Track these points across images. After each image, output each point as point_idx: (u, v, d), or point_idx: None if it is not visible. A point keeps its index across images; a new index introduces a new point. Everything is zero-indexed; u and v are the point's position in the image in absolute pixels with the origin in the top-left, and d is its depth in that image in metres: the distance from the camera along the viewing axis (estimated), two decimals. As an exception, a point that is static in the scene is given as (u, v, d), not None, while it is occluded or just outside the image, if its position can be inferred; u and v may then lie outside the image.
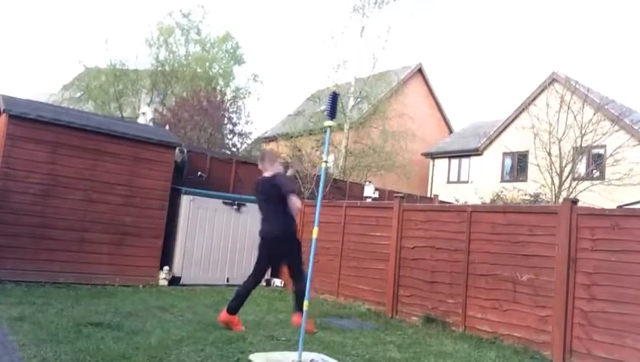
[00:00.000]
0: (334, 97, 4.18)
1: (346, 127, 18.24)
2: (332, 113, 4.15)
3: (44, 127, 6.97)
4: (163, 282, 7.73)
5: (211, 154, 10.35)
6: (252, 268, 5.50)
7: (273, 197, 5.18)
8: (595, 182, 12.67)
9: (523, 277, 5.55)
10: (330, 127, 4.20)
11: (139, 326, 4.75)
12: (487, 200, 14.42)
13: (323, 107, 4.73)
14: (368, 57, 19.01)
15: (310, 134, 16.89)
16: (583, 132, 11.66)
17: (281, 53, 47.31)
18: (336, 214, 8.22)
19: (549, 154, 11.62)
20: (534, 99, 15.84)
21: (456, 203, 13.39)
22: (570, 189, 11.26)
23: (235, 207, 8.63)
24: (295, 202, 5.08)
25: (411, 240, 6.93)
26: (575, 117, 11.72)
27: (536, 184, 12.32)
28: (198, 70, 22.03)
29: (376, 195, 12.26)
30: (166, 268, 7.85)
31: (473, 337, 5.69)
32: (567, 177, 11.43)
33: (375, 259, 7.41)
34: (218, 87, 21.38)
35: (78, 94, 21.48)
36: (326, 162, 4.47)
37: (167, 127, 13.46)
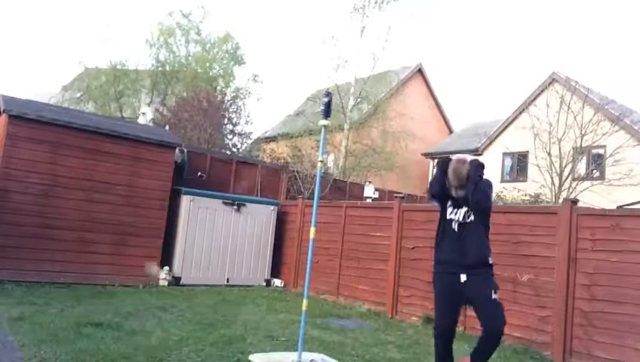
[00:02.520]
0: (329, 97, 4.21)
1: (346, 127, 18.23)
2: (327, 113, 4.18)
3: (44, 127, 6.98)
4: (163, 282, 7.73)
5: (211, 154, 10.36)
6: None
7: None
8: (595, 182, 12.65)
9: (523, 278, 5.55)
10: (325, 126, 4.23)
11: (139, 326, 4.75)
12: (487, 201, 14.37)
13: (321, 107, 4.69)
14: (368, 57, 19.00)
15: (310, 134, 16.88)
16: (583, 132, 11.65)
17: (281, 53, 47.29)
18: (337, 214, 8.22)
19: (549, 154, 11.61)
20: (534, 99, 15.84)
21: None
22: (570, 189, 11.25)
23: (235, 207, 8.64)
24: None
25: (411, 240, 6.93)
26: (575, 117, 11.71)
27: (537, 184, 12.30)
28: (199, 70, 22.01)
29: (377, 195, 12.27)
30: (166, 268, 7.85)
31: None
32: (567, 177, 11.43)
33: (375, 259, 7.40)
34: (218, 88, 21.37)
35: (78, 95, 21.47)
36: (322, 161, 4.49)
37: (167, 127, 13.47)
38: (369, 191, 12.32)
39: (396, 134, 18.88)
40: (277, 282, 8.99)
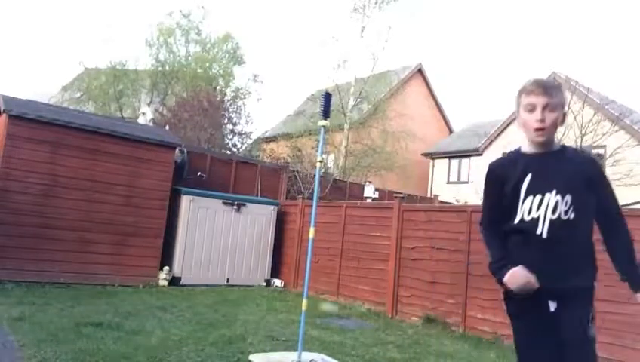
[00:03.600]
0: (327, 97, 4.22)
1: (346, 127, 18.23)
2: (326, 113, 4.18)
3: (44, 127, 6.98)
4: (163, 282, 7.73)
5: (211, 154, 10.36)
6: None
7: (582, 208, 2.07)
8: (595, 182, 12.66)
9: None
10: (324, 126, 4.24)
11: (139, 326, 4.75)
12: (487, 201, 14.36)
13: (320, 108, 4.69)
14: (368, 57, 19.02)
15: (310, 134, 16.89)
16: (583, 132, 11.67)
17: (281, 53, 47.30)
18: (337, 214, 8.22)
19: (549, 154, 11.62)
20: (534, 99, 15.83)
21: (456, 203, 13.39)
22: (571, 189, 11.25)
23: (235, 207, 8.64)
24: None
25: (411, 240, 6.93)
26: (575, 117, 11.72)
27: (537, 184, 12.29)
28: (199, 70, 22.02)
29: (376, 195, 12.27)
30: (166, 268, 7.85)
31: (473, 337, 5.69)
32: (567, 177, 11.43)
33: (375, 259, 7.41)
34: (218, 88, 21.38)
35: (78, 95, 21.47)
36: (321, 161, 4.50)
37: (167, 127, 13.47)
38: (369, 191, 12.33)
39: (396, 134, 18.89)
40: (277, 282, 8.99)
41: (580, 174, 2.05)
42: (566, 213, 1.99)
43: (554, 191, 2.00)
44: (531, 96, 2.06)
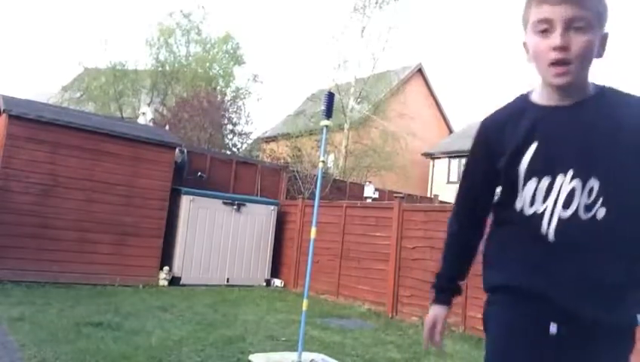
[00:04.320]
0: (331, 97, 4.21)
1: (346, 127, 18.24)
2: (328, 112, 4.17)
3: (44, 127, 6.98)
4: (163, 282, 7.73)
5: (211, 154, 10.36)
6: None
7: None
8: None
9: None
10: (326, 126, 4.23)
11: (139, 326, 4.75)
12: (487, 201, 14.36)
13: (323, 107, 4.69)
14: (369, 57, 19.04)
15: (310, 134, 16.90)
16: (583, 132, 11.67)
17: (281, 52, 47.34)
18: (336, 214, 8.22)
19: (549, 154, 11.61)
20: (534, 99, 15.85)
21: (456, 203, 13.36)
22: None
23: (235, 207, 8.64)
24: None
25: (411, 240, 6.93)
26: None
27: (536, 184, 12.28)
28: (199, 70, 22.03)
29: (376, 195, 12.27)
30: (166, 268, 7.85)
31: (473, 337, 5.68)
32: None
33: (375, 259, 7.41)
34: (218, 88, 21.39)
35: (78, 95, 21.47)
36: (324, 162, 4.49)
37: (167, 127, 13.47)
38: (369, 191, 12.33)
39: (396, 134, 18.89)
40: (277, 282, 8.99)
41: (626, 139, 1.20)
42: (588, 208, 1.20)
43: (570, 173, 1.21)
44: (544, 7, 1.20)
